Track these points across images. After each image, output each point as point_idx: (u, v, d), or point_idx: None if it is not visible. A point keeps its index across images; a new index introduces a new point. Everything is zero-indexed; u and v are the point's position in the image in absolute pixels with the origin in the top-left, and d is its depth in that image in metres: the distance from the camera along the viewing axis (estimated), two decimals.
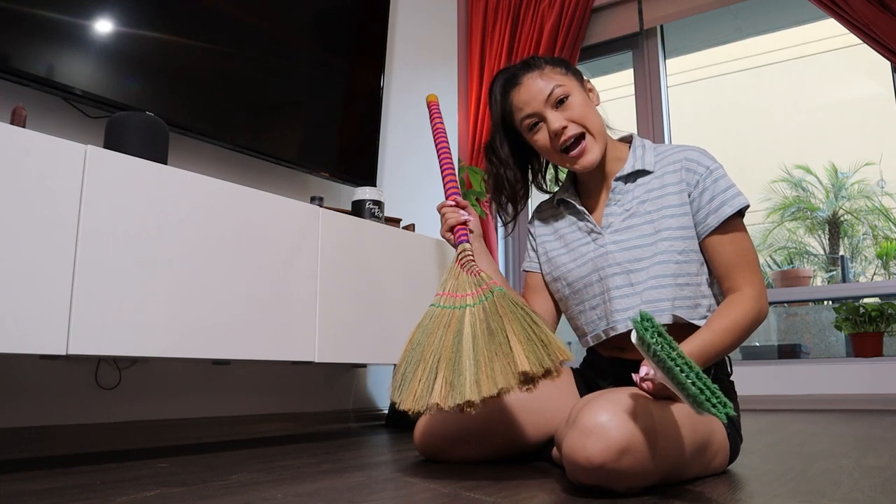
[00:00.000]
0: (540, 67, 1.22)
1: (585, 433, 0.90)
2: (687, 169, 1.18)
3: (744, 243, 1.14)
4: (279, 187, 2.22)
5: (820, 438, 1.65)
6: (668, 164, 1.20)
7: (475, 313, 1.07)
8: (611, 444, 0.88)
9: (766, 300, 1.12)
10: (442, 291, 1.15)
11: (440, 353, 1.04)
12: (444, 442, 1.27)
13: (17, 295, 1.16)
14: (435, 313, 1.12)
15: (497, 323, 1.03)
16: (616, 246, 1.19)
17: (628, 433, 0.88)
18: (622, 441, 0.88)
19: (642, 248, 1.17)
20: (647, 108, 3.34)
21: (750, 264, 1.13)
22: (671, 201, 1.17)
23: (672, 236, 1.16)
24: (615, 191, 1.22)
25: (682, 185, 1.17)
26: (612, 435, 0.88)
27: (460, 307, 1.10)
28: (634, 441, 0.89)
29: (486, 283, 1.11)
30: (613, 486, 0.91)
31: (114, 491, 1.01)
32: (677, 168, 1.19)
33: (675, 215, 1.16)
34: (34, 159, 1.21)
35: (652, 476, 0.93)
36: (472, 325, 1.06)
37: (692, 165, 1.18)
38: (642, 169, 1.21)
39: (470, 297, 1.10)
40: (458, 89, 3.29)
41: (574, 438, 0.91)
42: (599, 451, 0.88)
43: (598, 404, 0.93)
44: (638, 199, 1.20)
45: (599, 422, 0.89)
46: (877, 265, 7.20)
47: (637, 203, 1.20)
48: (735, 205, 1.13)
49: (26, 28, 1.53)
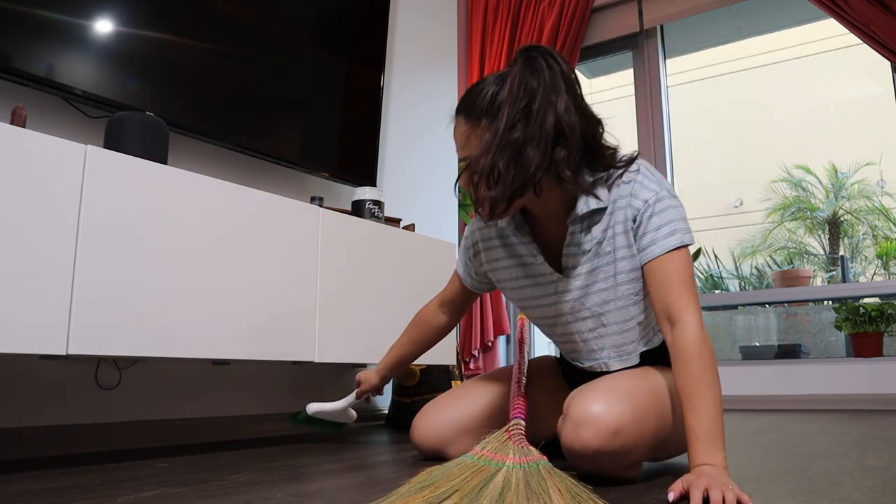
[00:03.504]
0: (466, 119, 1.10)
1: (578, 424, 0.99)
2: (631, 206, 1.09)
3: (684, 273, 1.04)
4: (279, 187, 2.22)
5: (820, 438, 1.65)
6: (618, 200, 1.11)
7: (513, 473, 0.91)
8: (602, 429, 0.97)
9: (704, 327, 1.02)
10: (479, 450, 0.98)
11: (459, 487, 0.88)
12: (444, 435, 1.29)
13: (17, 295, 1.16)
14: (464, 461, 0.95)
15: (540, 484, 0.87)
16: (581, 291, 1.14)
17: (617, 416, 0.98)
18: (612, 424, 0.98)
19: (607, 291, 1.13)
20: (647, 108, 3.34)
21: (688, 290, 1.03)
22: (621, 242, 1.11)
23: (628, 279, 1.12)
24: (571, 234, 1.13)
25: (627, 223, 1.09)
26: (602, 420, 0.98)
27: (496, 465, 0.93)
28: (624, 422, 0.98)
29: (534, 455, 0.95)
30: (613, 469, 1.00)
31: (114, 491, 1.01)
32: (623, 205, 1.10)
33: (626, 257, 1.11)
34: (34, 159, 1.21)
35: (645, 451, 1.03)
36: (506, 478, 0.89)
37: (635, 203, 1.09)
38: (596, 209, 1.11)
39: (511, 461, 0.94)
40: (458, 89, 3.29)
41: (569, 430, 1.00)
42: (593, 437, 0.98)
43: (587, 396, 1.02)
44: (595, 240, 1.12)
45: (590, 411, 0.99)
46: (877, 265, 7.20)
47: (595, 244, 1.12)
48: (665, 246, 1.05)
49: (26, 28, 1.53)
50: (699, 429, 0.91)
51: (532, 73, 1.01)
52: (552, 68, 1.01)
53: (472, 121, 1.09)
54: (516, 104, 1.00)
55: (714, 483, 0.82)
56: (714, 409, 0.93)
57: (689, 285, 1.03)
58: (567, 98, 1.01)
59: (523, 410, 1.14)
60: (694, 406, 0.93)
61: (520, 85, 1.00)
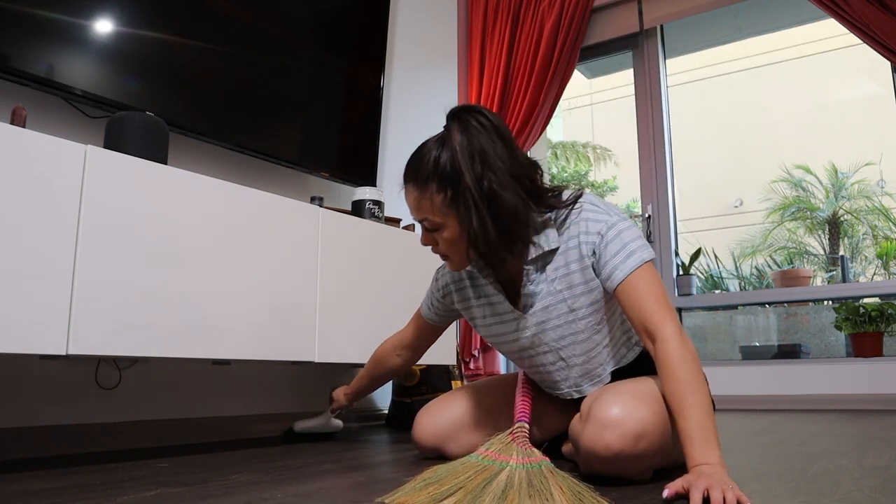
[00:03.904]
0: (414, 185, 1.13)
1: (602, 425, 1.00)
2: (586, 242, 1.12)
3: (653, 286, 1.06)
4: (279, 187, 2.22)
5: (820, 438, 1.65)
6: (570, 239, 1.14)
7: (516, 472, 0.93)
8: (627, 432, 0.98)
9: (684, 333, 1.03)
10: (484, 451, 1.02)
11: (463, 485, 0.90)
12: (445, 432, 1.31)
13: (17, 295, 1.16)
14: (468, 461, 0.98)
15: (542, 483, 0.89)
16: (538, 328, 1.18)
17: (640, 419, 0.99)
18: (637, 428, 0.98)
19: (563, 328, 1.17)
20: (647, 108, 3.34)
21: (659, 303, 1.05)
22: (576, 279, 1.13)
23: (586, 314, 1.15)
24: (527, 273, 1.17)
25: (583, 261, 1.12)
26: (627, 423, 0.99)
27: (500, 464, 0.96)
28: (647, 425, 0.99)
29: (537, 456, 0.99)
30: (628, 474, 1.01)
31: (114, 491, 1.01)
32: (575, 244, 1.13)
33: (584, 293, 1.14)
34: (34, 159, 1.21)
35: (664, 455, 1.04)
36: (509, 477, 0.91)
37: (588, 238, 1.11)
38: (548, 250, 1.14)
39: (514, 462, 0.96)
40: (458, 89, 3.29)
41: (592, 431, 1.01)
42: (616, 439, 0.98)
43: (609, 398, 1.02)
44: (548, 279, 1.16)
45: (613, 413, 1.00)
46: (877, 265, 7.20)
47: (548, 283, 1.16)
48: (627, 269, 1.07)
49: (26, 28, 1.53)
50: (692, 430, 0.93)
51: (470, 135, 1.07)
52: (484, 125, 1.07)
53: (420, 186, 1.12)
54: (474, 160, 1.06)
55: (714, 483, 0.82)
56: (703, 409, 0.94)
57: (660, 298, 1.05)
58: (503, 148, 1.07)
59: (527, 413, 1.17)
60: (683, 409, 0.95)
61: (466, 145, 1.06)
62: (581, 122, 11.16)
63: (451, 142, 1.07)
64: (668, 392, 0.98)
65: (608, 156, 10.37)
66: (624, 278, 1.07)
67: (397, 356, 1.50)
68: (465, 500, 0.84)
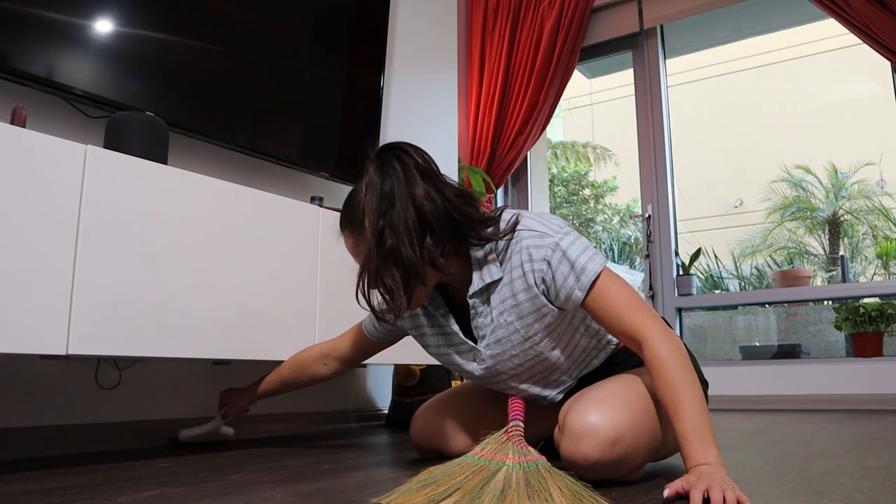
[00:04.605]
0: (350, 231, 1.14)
1: (577, 436, 0.99)
2: (531, 272, 1.08)
3: (620, 292, 1.05)
4: (279, 187, 2.22)
5: (820, 438, 1.65)
6: (513, 270, 1.10)
7: (513, 472, 0.92)
8: (602, 440, 0.98)
9: (668, 329, 1.03)
10: (479, 450, 1.00)
11: (460, 486, 0.89)
12: (443, 431, 1.31)
13: (17, 295, 1.16)
14: (464, 461, 0.97)
15: (540, 483, 0.89)
16: (494, 360, 1.16)
17: (615, 424, 0.99)
18: (611, 434, 0.98)
19: (518, 356, 1.14)
20: (647, 108, 3.34)
21: (635, 308, 1.04)
22: (526, 309, 1.10)
23: (543, 336, 1.13)
24: (474, 307, 1.14)
25: (531, 290, 1.09)
26: (600, 431, 0.98)
27: (496, 464, 0.95)
28: (622, 430, 0.99)
29: (533, 455, 0.97)
30: (614, 475, 1.01)
31: (114, 491, 1.01)
32: (520, 274, 1.09)
33: (536, 320, 1.11)
34: (34, 159, 1.21)
35: (644, 455, 1.04)
36: (506, 477, 0.91)
37: (534, 266, 1.08)
38: (491, 282, 1.11)
39: (511, 461, 0.95)
40: (458, 89, 3.29)
41: (568, 443, 1.01)
42: (592, 448, 0.98)
43: (583, 406, 1.02)
44: (496, 310, 1.13)
45: (588, 422, 0.99)
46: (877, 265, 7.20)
47: (497, 314, 1.13)
48: (584, 286, 1.05)
49: (26, 28, 1.53)
50: (687, 430, 0.92)
51: (384, 177, 1.05)
52: (404, 162, 1.05)
53: (354, 232, 1.13)
54: (377, 211, 1.04)
55: (714, 483, 0.82)
56: (697, 407, 0.94)
57: (631, 302, 1.04)
58: (424, 186, 1.04)
59: (522, 412, 1.16)
60: (678, 411, 0.94)
61: (376, 192, 1.04)
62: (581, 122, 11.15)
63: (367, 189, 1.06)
64: (660, 394, 0.98)
65: (608, 156, 10.37)
66: (584, 297, 1.05)
67: (324, 365, 1.45)
68: (464, 500, 0.84)
